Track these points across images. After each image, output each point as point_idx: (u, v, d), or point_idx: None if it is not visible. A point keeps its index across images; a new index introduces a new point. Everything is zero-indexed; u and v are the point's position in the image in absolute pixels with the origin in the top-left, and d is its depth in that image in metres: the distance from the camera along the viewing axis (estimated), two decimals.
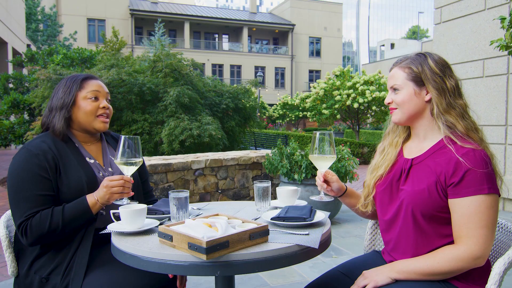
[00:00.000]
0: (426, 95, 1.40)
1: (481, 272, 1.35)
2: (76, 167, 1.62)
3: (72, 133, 1.72)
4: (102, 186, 1.53)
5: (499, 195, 1.31)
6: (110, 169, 1.75)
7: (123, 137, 1.53)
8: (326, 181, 1.57)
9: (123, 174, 1.58)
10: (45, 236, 1.50)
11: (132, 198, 1.76)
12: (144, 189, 1.91)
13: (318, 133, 1.55)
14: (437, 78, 1.38)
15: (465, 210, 1.28)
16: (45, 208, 1.52)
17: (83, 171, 1.62)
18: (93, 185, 1.62)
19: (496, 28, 5.16)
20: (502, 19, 3.33)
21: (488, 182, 1.27)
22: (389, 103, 1.48)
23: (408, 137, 1.54)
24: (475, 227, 1.27)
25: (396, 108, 1.45)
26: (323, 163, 1.55)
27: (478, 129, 1.40)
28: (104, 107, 1.72)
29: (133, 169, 1.56)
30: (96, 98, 1.71)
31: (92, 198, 1.54)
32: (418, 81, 1.40)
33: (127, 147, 1.53)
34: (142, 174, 1.91)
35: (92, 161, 1.71)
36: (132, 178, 1.57)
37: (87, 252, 1.55)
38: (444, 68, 1.41)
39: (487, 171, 1.28)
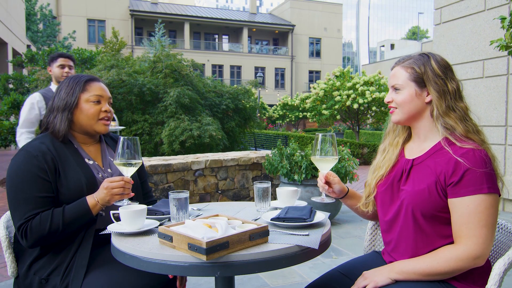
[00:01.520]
0: (426, 96, 1.40)
1: (481, 272, 1.35)
2: (75, 168, 1.62)
3: (72, 135, 1.72)
4: (103, 187, 1.53)
5: (500, 195, 1.31)
6: (109, 170, 1.75)
7: (122, 138, 1.53)
8: (327, 182, 1.58)
9: (122, 175, 1.57)
10: (45, 237, 1.50)
11: (132, 199, 1.76)
12: (143, 189, 1.91)
13: (320, 134, 1.55)
14: (439, 80, 1.38)
15: (464, 209, 1.28)
16: (45, 209, 1.52)
17: (82, 172, 1.62)
18: (92, 186, 1.61)
19: (496, 28, 5.17)
20: (502, 19, 3.33)
21: (487, 182, 1.27)
22: (389, 102, 1.47)
23: (409, 137, 1.54)
24: (474, 226, 1.26)
25: (396, 108, 1.45)
26: (325, 165, 1.55)
27: (480, 131, 1.39)
28: (106, 111, 1.72)
29: (132, 170, 1.55)
30: (99, 102, 1.71)
31: (92, 199, 1.54)
32: (420, 82, 1.40)
33: (126, 148, 1.52)
34: (141, 174, 1.91)
35: (91, 162, 1.70)
36: (131, 179, 1.57)
37: (87, 253, 1.55)
38: (447, 70, 1.40)
39: (486, 170, 1.27)
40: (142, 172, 1.93)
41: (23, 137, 3.44)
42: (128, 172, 1.55)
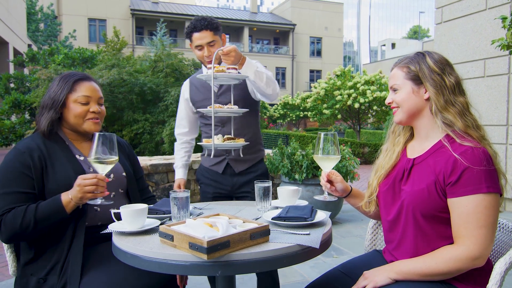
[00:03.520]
0: (424, 93, 1.40)
1: (482, 272, 1.34)
2: (65, 164, 1.62)
3: (63, 131, 1.73)
4: (76, 184, 1.49)
5: (501, 194, 1.30)
6: None
7: (97, 134, 1.49)
8: (330, 181, 1.58)
9: (119, 170, 1.55)
10: (18, 233, 1.49)
11: (130, 198, 1.74)
12: (139, 186, 1.91)
13: (322, 133, 1.56)
14: (435, 76, 1.38)
15: (463, 209, 1.27)
16: (22, 205, 1.52)
17: (71, 168, 1.62)
18: None
19: (497, 27, 5.16)
20: (503, 19, 3.33)
21: (486, 181, 1.26)
22: (389, 103, 1.48)
23: (411, 136, 1.54)
24: (473, 227, 1.26)
25: (397, 108, 1.46)
26: (327, 164, 1.56)
27: (480, 126, 1.39)
28: (93, 112, 1.71)
29: (108, 168, 1.52)
30: (87, 103, 1.70)
31: (66, 197, 1.51)
32: (416, 79, 1.41)
33: (101, 145, 1.49)
34: (136, 171, 1.91)
35: (82, 158, 1.70)
36: (107, 177, 1.53)
37: (81, 250, 1.55)
38: (444, 66, 1.40)
39: (485, 169, 1.26)
40: (138, 169, 1.93)
41: (175, 145, 2.57)
42: (104, 169, 1.51)
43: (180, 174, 2.49)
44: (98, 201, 1.51)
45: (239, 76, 1.96)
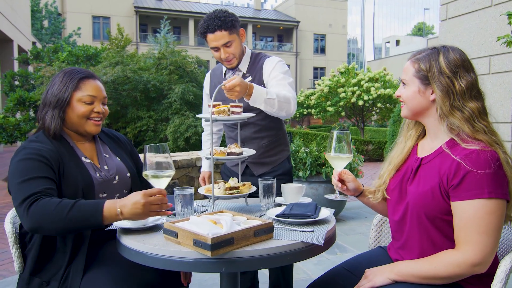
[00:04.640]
0: (431, 94, 1.35)
1: (489, 275, 1.31)
2: (73, 167, 1.56)
3: (65, 132, 1.66)
4: (139, 202, 1.31)
5: (508, 200, 1.24)
6: (105, 167, 1.69)
7: (148, 146, 1.42)
8: (341, 180, 1.57)
9: (122, 170, 1.50)
10: (44, 224, 1.31)
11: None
12: (143, 181, 1.89)
13: (335, 132, 1.55)
14: (444, 79, 1.31)
15: (464, 214, 1.23)
16: (51, 188, 1.42)
17: (79, 172, 1.56)
18: (89, 186, 1.56)
19: (503, 24, 5.12)
20: (509, 15, 3.30)
21: (489, 186, 1.20)
22: (398, 96, 1.45)
23: (424, 133, 1.50)
24: (473, 232, 1.22)
25: (404, 103, 1.43)
26: (339, 163, 1.56)
27: (493, 132, 1.32)
28: (98, 112, 1.65)
29: (166, 182, 1.44)
30: (92, 102, 1.64)
31: (112, 207, 1.33)
32: (424, 79, 1.35)
33: (154, 156, 1.40)
34: (139, 169, 1.89)
35: (88, 161, 1.65)
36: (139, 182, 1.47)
37: (83, 258, 1.52)
38: (457, 68, 1.32)
39: (489, 173, 1.20)
40: (140, 166, 1.91)
41: (202, 136, 2.52)
42: (164, 183, 1.43)
43: (205, 167, 2.39)
44: (163, 219, 1.43)
45: (244, 117, 1.75)
